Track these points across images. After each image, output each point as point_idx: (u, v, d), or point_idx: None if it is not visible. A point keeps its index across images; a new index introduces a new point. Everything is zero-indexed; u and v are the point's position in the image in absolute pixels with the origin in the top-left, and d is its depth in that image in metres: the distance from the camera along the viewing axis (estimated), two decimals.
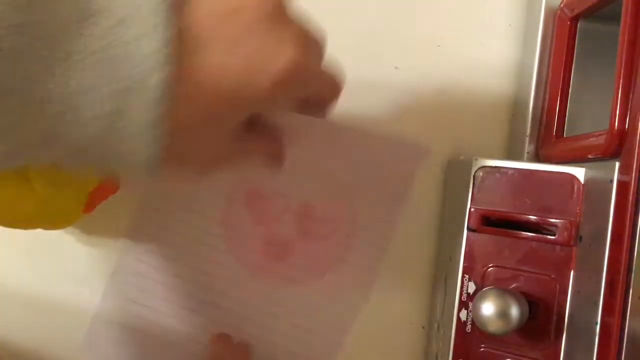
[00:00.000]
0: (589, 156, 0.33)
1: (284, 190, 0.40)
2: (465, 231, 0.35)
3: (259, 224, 0.40)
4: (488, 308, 0.31)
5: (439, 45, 0.41)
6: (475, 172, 0.35)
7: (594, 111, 0.37)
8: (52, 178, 0.33)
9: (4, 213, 0.33)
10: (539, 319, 0.33)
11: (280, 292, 0.40)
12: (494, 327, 0.31)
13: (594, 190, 0.32)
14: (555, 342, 0.32)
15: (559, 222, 0.33)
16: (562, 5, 0.37)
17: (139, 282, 0.41)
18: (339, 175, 0.40)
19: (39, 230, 0.36)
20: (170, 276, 0.41)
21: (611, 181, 0.30)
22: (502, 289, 0.32)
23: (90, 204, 0.37)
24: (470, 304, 0.34)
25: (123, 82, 0.20)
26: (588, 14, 0.36)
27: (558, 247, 0.33)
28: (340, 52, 0.41)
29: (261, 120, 0.31)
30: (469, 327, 0.35)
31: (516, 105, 0.41)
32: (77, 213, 0.36)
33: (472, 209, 0.35)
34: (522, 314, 0.32)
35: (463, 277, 0.35)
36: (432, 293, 0.42)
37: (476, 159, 0.36)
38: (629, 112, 0.30)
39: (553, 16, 0.38)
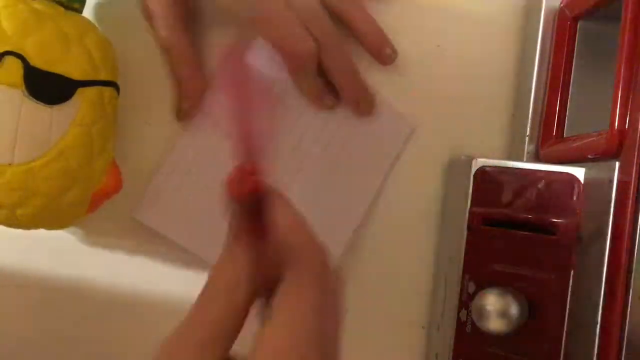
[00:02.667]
0: (589, 156, 0.33)
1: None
2: (465, 231, 0.35)
3: None
4: (488, 308, 0.31)
5: (438, 45, 0.41)
6: (475, 172, 0.35)
7: (594, 111, 0.37)
8: (58, 179, 0.33)
9: (9, 214, 0.33)
10: (539, 319, 0.33)
11: None
12: (494, 327, 0.31)
13: (594, 190, 0.32)
14: (555, 342, 0.32)
15: (559, 222, 0.33)
16: (562, 5, 0.37)
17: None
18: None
19: (41, 230, 0.36)
20: None
21: (611, 181, 0.30)
22: (502, 289, 0.32)
23: (94, 204, 0.37)
24: (470, 304, 0.34)
25: None
26: (588, 14, 0.36)
27: (558, 247, 0.33)
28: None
29: None
30: (469, 327, 0.35)
31: (516, 105, 0.41)
32: (80, 213, 0.36)
33: (472, 209, 0.35)
34: (522, 314, 0.32)
35: (463, 277, 0.35)
36: (432, 293, 0.42)
37: (476, 159, 0.36)
38: (629, 112, 0.30)
39: (553, 16, 0.38)
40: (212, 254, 0.40)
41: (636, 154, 0.29)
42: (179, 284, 0.42)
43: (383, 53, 0.40)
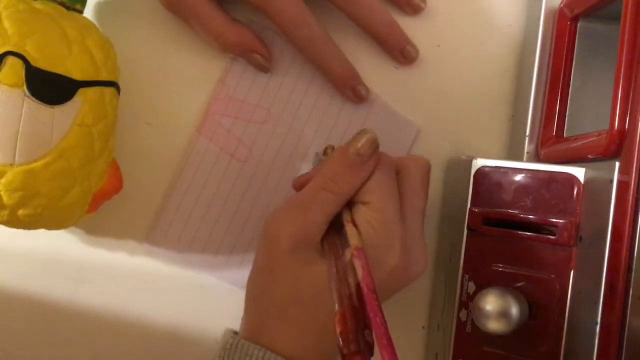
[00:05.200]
0: (589, 156, 0.33)
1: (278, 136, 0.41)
2: (465, 231, 0.35)
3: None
4: (488, 308, 0.31)
5: (439, 45, 0.41)
6: (475, 172, 0.35)
7: (594, 111, 0.37)
8: (59, 179, 0.33)
9: (11, 214, 0.33)
10: (539, 319, 0.33)
11: None
12: (494, 327, 0.31)
13: (594, 190, 0.32)
14: (555, 342, 0.32)
15: (559, 222, 0.33)
16: (562, 5, 0.37)
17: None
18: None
19: (41, 230, 0.36)
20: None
21: (611, 181, 0.30)
22: (502, 289, 0.32)
23: (94, 205, 0.37)
24: (470, 304, 0.34)
25: None
26: (588, 14, 0.36)
27: (558, 247, 0.33)
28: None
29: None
30: (469, 327, 0.35)
31: (516, 105, 0.41)
32: (81, 214, 0.36)
33: (472, 209, 0.35)
34: (522, 314, 0.32)
35: (463, 277, 0.35)
36: (432, 293, 0.42)
37: (476, 159, 0.36)
38: (629, 112, 0.30)
39: (553, 16, 0.38)
40: (227, 274, 0.41)
41: (636, 154, 0.29)
42: (180, 283, 0.42)
43: (406, 52, 0.41)
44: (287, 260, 0.33)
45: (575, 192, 0.33)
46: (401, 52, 0.40)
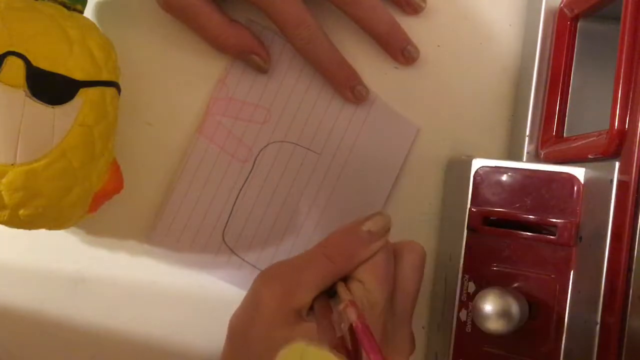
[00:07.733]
0: (589, 156, 0.33)
1: (278, 136, 0.41)
2: (465, 231, 0.35)
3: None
4: (488, 308, 0.31)
5: (439, 45, 0.41)
6: (475, 172, 0.35)
7: (594, 111, 0.37)
8: (60, 179, 0.33)
9: (12, 214, 0.33)
10: (539, 319, 0.33)
11: None
12: (494, 326, 0.31)
13: (594, 190, 0.32)
14: (555, 342, 0.32)
15: (559, 222, 0.33)
16: (562, 5, 0.38)
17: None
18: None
19: (42, 230, 0.36)
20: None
21: (611, 181, 0.30)
22: (502, 288, 0.32)
23: (95, 205, 0.37)
24: (470, 304, 0.34)
25: None
26: (588, 14, 0.36)
27: (558, 247, 0.33)
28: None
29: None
30: (469, 327, 0.35)
31: (516, 105, 0.41)
32: (81, 214, 0.36)
33: (472, 209, 0.35)
34: (522, 314, 0.32)
35: (463, 277, 0.35)
36: (432, 293, 0.42)
37: (476, 159, 0.36)
38: (629, 112, 0.30)
39: (553, 16, 0.38)
40: (227, 274, 0.41)
41: (636, 154, 0.29)
42: (180, 283, 0.42)
43: (406, 52, 0.40)
44: (266, 321, 0.33)
45: (575, 192, 0.33)
46: (402, 52, 0.40)
